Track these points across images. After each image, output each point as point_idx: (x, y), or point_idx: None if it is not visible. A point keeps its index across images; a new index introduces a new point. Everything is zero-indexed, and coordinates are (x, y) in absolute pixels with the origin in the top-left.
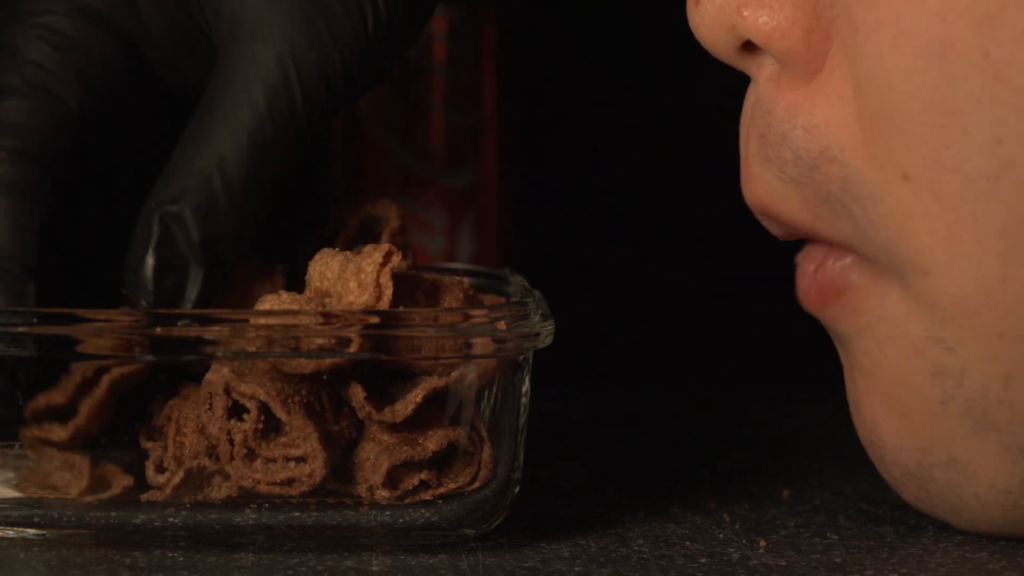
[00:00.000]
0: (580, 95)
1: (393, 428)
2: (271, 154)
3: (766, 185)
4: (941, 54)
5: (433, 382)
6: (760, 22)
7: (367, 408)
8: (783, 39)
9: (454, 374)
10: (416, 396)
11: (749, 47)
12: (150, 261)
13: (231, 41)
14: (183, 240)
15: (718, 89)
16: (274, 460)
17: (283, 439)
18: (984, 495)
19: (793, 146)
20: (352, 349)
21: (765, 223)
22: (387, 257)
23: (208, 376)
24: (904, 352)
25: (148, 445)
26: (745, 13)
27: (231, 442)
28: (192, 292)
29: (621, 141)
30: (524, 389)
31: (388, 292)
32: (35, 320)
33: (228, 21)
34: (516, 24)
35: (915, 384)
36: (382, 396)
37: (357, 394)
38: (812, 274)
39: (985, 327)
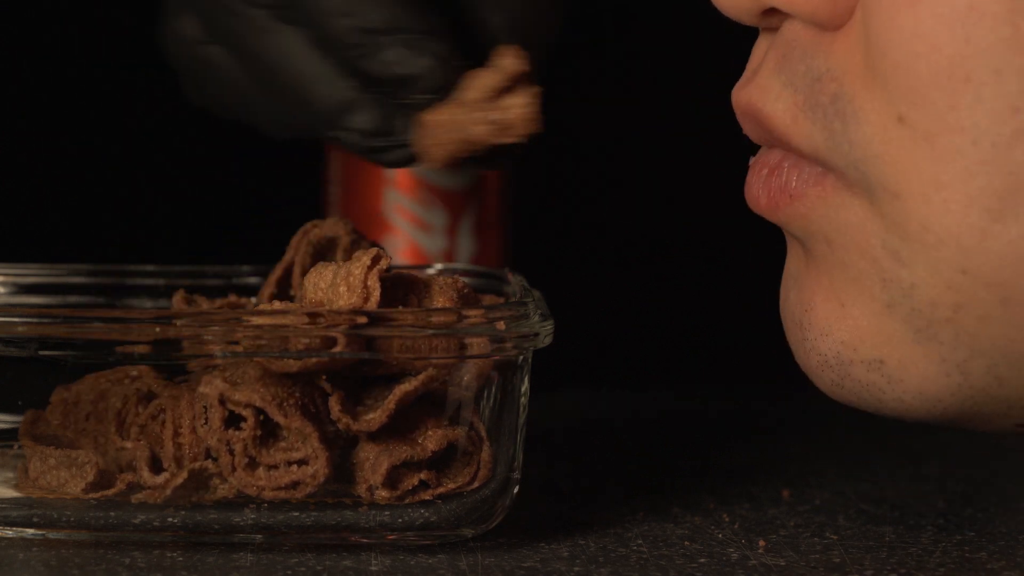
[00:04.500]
0: (580, 96)
1: (390, 430)
2: None
3: (765, 82)
4: (963, 22)
5: (403, 388)
6: None
7: (344, 420)
8: (808, 2)
9: (421, 376)
10: (390, 403)
11: (772, 9)
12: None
13: None
14: None
15: (720, 91)
16: (276, 466)
17: (282, 444)
18: (909, 400)
19: (808, 61)
20: (337, 348)
21: (744, 125)
22: (375, 260)
23: (201, 389)
24: (856, 257)
25: (130, 445)
26: None
27: (231, 452)
28: None
29: (621, 141)
30: (523, 389)
31: (376, 294)
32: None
33: None
34: None
35: (863, 284)
36: (359, 404)
37: (334, 408)
38: (765, 177)
39: (948, 261)
